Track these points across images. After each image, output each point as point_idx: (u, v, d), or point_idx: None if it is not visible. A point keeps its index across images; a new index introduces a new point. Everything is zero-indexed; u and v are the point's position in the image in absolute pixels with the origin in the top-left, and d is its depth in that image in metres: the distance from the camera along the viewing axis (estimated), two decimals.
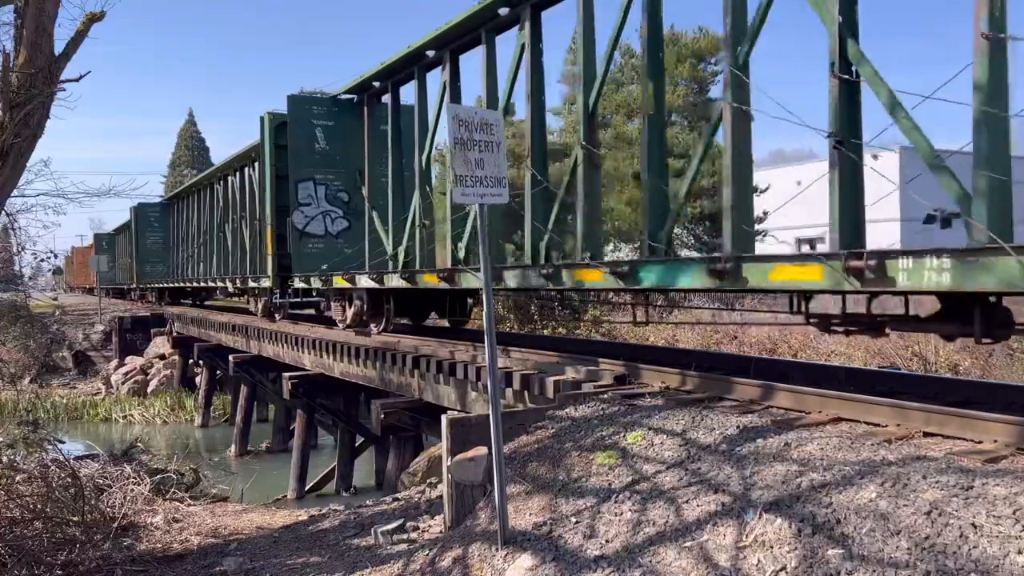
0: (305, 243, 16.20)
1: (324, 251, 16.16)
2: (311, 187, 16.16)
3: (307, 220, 16.18)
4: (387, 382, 12.09)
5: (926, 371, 17.11)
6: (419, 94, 12.67)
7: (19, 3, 7.08)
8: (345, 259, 15.32)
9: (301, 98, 16.29)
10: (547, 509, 5.64)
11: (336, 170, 16.29)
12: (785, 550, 4.23)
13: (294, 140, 16.25)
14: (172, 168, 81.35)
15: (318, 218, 16.25)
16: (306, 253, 16.24)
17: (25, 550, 7.17)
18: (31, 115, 7.10)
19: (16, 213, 9.67)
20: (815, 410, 6.14)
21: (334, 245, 16.17)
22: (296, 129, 16.17)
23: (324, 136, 16.12)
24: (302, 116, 16.10)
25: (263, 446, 21.67)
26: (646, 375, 7.95)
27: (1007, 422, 5.03)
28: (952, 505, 4.01)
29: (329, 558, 7.12)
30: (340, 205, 16.44)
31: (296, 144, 16.22)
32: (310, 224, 16.21)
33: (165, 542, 8.37)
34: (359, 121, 15.30)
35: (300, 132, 16.13)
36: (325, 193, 16.28)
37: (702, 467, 5.34)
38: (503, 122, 6.02)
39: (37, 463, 9.08)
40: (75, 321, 36.42)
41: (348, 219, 16.39)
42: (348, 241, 16.03)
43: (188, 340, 26.31)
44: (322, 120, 16.11)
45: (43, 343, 32.70)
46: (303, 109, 16.15)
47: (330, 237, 16.29)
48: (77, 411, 27.51)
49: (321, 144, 16.10)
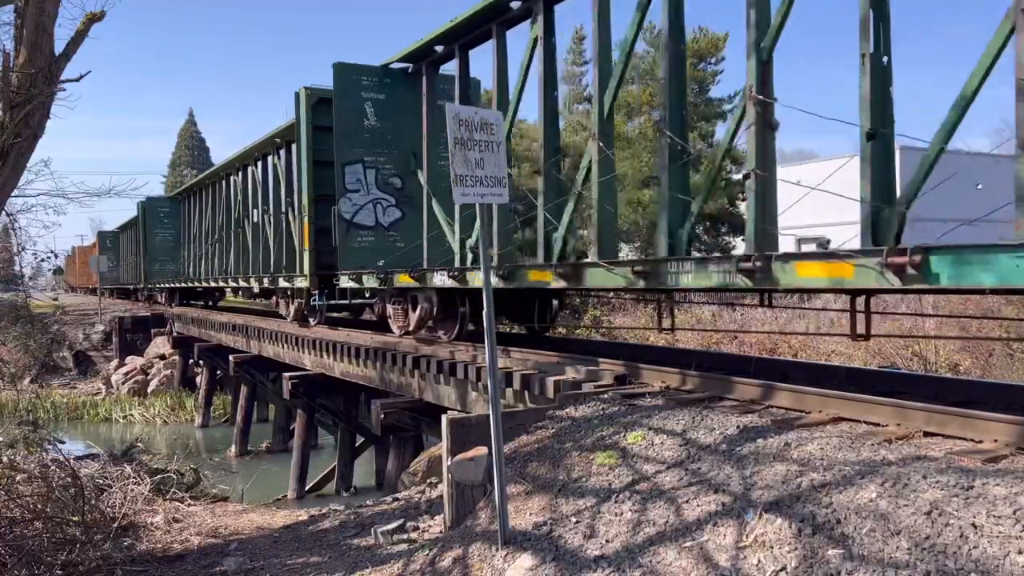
0: (354, 236, 13.93)
1: (374, 245, 14.02)
2: (360, 171, 13.87)
3: (355, 209, 13.89)
4: (387, 382, 12.09)
5: (926, 371, 17.11)
6: (498, 57, 10.71)
7: (19, 3, 7.08)
8: (397, 254, 13.60)
9: (349, 67, 13.83)
10: (547, 509, 5.64)
11: (388, 151, 14.03)
12: (785, 550, 4.23)
13: (341, 116, 13.80)
14: (172, 168, 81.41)
15: (368, 207, 13.98)
16: (354, 248, 13.94)
17: (25, 550, 7.17)
18: (31, 115, 7.10)
19: (16, 213, 9.67)
20: (815, 410, 6.14)
21: (385, 238, 14.05)
22: (344, 103, 13.75)
23: (375, 111, 13.85)
24: (350, 88, 13.73)
25: (263, 446, 21.67)
26: (646, 375, 7.95)
27: (1007, 422, 5.03)
28: (952, 505, 4.01)
29: (329, 558, 7.12)
30: (392, 192, 14.14)
31: (343, 121, 13.80)
32: (359, 214, 13.91)
33: (165, 542, 8.37)
34: (414, 94, 13.39)
35: (348, 106, 13.73)
36: (376, 178, 13.97)
37: (702, 467, 5.33)
38: (503, 122, 6.03)
39: (37, 463, 9.08)
40: (75, 321, 36.42)
41: (401, 208, 14.16)
42: (401, 234, 14.02)
43: (188, 340, 26.32)
44: (372, 93, 13.79)
45: (43, 343, 32.69)
46: (351, 80, 13.74)
47: (381, 229, 14.09)
48: (77, 411, 27.54)
49: (371, 121, 13.83)
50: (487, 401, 6.09)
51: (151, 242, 34.92)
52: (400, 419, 11.47)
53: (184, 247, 31.95)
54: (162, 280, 34.54)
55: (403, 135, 13.89)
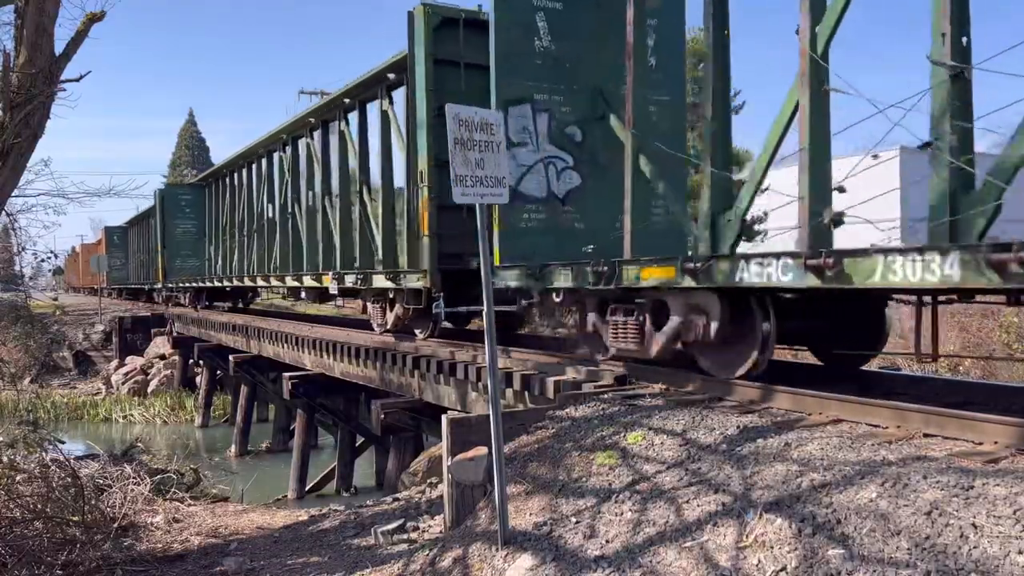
0: (518, 211, 9.60)
1: (546, 225, 9.81)
2: (528, 115, 9.63)
3: (522, 172, 9.63)
4: (387, 382, 12.09)
5: (926, 371, 17.10)
6: None
7: (19, 3, 7.08)
8: (576, 239, 9.65)
9: None
10: (547, 509, 5.64)
11: (566, 88, 9.87)
12: (785, 550, 4.23)
13: (503, 32, 9.60)
14: (172, 168, 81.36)
15: (537, 170, 9.71)
16: (520, 228, 9.65)
17: (25, 550, 7.17)
18: (31, 115, 7.10)
19: (16, 213, 9.68)
20: (815, 411, 6.14)
21: (559, 215, 9.90)
22: (506, 14, 9.63)
23: (549, 28, 9.83)
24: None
25: (263, 446, 21.68)
26: (646, 375, 7.95)
27: (1007, 423, 5.03)
28: (952, 505, 4.01)
29: (329, 558, 7.12)
30: (570, 147, 9.94)
31: (506, 39, 9.62)
32: (526, 179, 9.66)
33: (165, 542, 8.37)
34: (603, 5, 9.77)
35: (512, 18, 9.65)
36: (549, 127, 9.77)
37: (702, 467, 5.34)
38: (502, 122, 6.01)
39: (37, 463, 9.08)
40: (75, 321, 36.42)
41: (580, 172, 10.00)
42: (579, 209, 10.01)
43: (188, 340, 26.31)
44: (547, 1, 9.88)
45: (43, 343, 32.71)
46: None
47: (554, 201, 9.86)
48: (77, 411, 27.55)
49: (543, 42, 9.80)
50: (487, 401, 6.09)
51: (171, 235, 30.32)
52: (400, 419, 11.47)
53: (211, 240, 27.72)
54: (185, 278, 29.64)
55: (586, 65, 9.88)
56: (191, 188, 31.50)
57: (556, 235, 9.81)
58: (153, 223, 32.97)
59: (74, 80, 7.56)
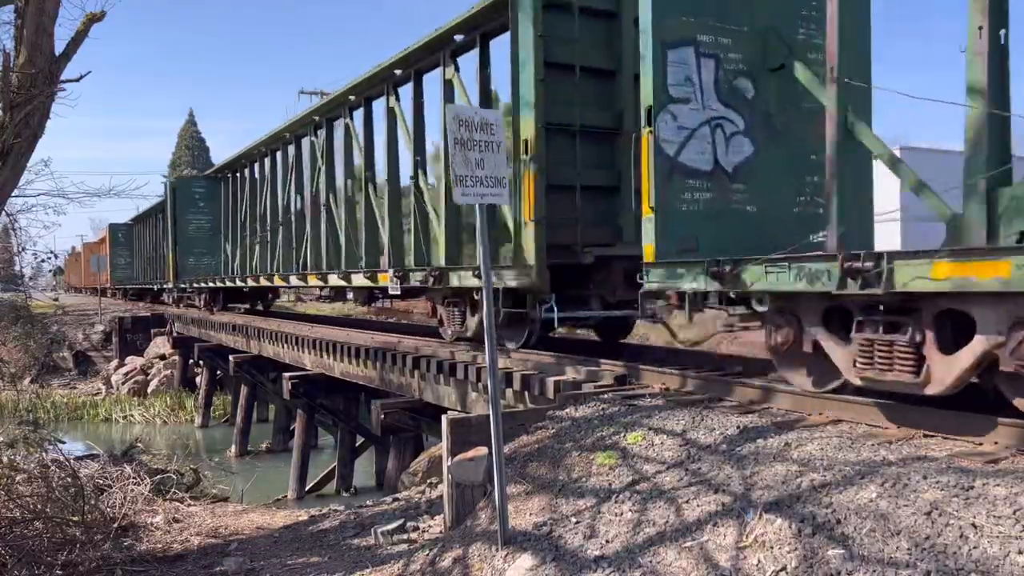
0: (678, 187, 7.22)
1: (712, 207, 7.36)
2: (690, 61, 7.29)
3: (684, 136, 7.27)
4: (387, 382, 12.09)
5: None
6: None
7: (19, 3, 7.08)
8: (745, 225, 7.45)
9: None
10: (547, 509, 5.64)
11: (735, 29, 7.53)
12: (785, 550, 4.23)
13: None
14: (172, 168, 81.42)
15: (702, 134, 7.38)
16: (680, 211, 7.24)
17: (25, 550, 7.18)
18: (31, 115, 7.10)
19: (16, 213, 9.68)
20: (815, 412, 6.14)
21: (728, 193, 7.46)
22: None
23: None
24: None
25: (263, 446, 21.69)
26: (646, 376, 7.96)
27: (1007, 424, 5.03)
28: (952, 505, 4.01)
29: (329, 558, 7.12)
30: (740, 106, 7.54)
31: None
32: (688, 146, 7.27)
33: (165, 542, 8.38)
34: None
35: None
36: (716, 77, 7.42)
37: (702, 467, 5.34)
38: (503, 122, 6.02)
39: (37, 463, 9.08)
40: (75, 321, 36.44)
41: (751, 137, 7.57)
42: (751, 187, 7.58)
43: (188, 340, 26.31)
44: None
45: (43, 343, 32.70)
46: None
47: (722, 176, 7.42)
48: (77, 411, 27.56)
49: None
50: (487, 401, 6.09)
51: (183, 231, 27.93)
52: (400, 419, 11.47)
53: (227, 237, 25.39)
54: (199, 277, 27.32)
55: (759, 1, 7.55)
56: (205, 180, 28.78)
57: (723, 220, 7.43)
58: (163, 219, 30.70)
59: (74, 80, 7.56)
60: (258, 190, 22.14)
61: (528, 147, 9.38)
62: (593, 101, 9.98)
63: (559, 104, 9.66)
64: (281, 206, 19.79)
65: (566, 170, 9.69)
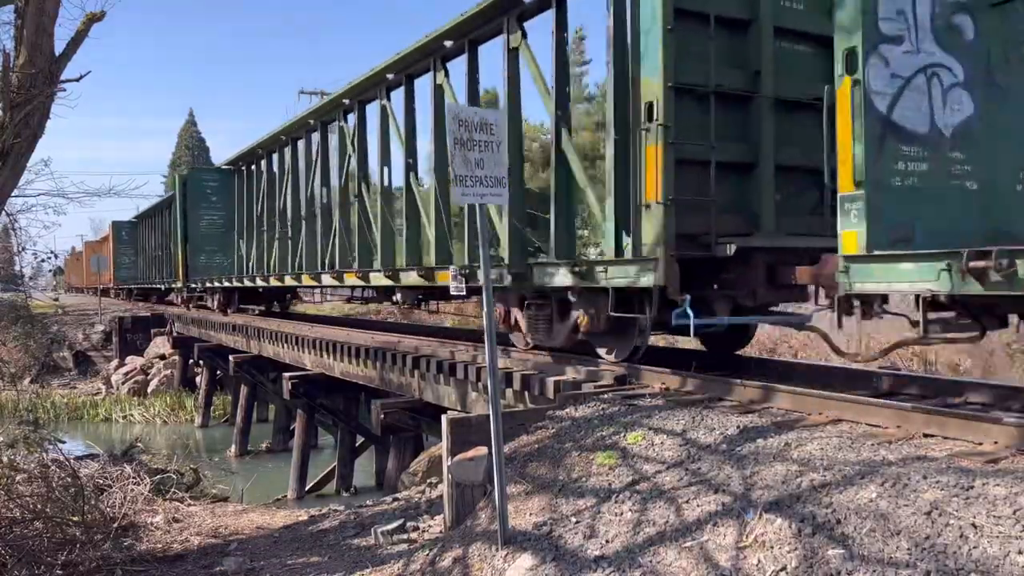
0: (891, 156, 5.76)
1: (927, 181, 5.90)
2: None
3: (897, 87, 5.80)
4: (387, 382, 12.09)
5: (926, 371, 17.11)
6: None
7: (19, 3, 7.08)
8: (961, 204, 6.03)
9: None
10: (547, 509, 5.64)
11: None
12: (785, 550, 4.23)
13: None
14: (172, 168, 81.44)
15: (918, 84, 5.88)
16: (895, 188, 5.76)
17: (25, 550, 7.18)
18: (31, 115, 7.10)
19: (16, 213, 9.70)
20: (815, 411, 6.14)
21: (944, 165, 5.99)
22: None
23: None
24: None
25: (263, 446, 21.70)
26: (646, 376, 7.95)
27: (1007, 423, 5.03)
28: (952, 505, 4.01)
29: (329, 558, 7.12)
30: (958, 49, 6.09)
31: None
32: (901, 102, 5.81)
33: (165, 542, 8.37)
34: None
35: None
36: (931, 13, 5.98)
37: (702, 467, 5.34)
38: (503, 122, 6.02)
39: (37, 463, 9.08)
40: (75, 321, 36.43)
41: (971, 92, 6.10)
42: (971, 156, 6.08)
43: (188, 340, 26.31)
44: None
45: (43, 343, 32.71)
46: None
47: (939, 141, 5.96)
48: (77, 411, 27.56)
49: None
50: (487, 401, 6.09)
51: (194, 227, 25.96)
52: (400, 419, 11.47)
53: (241, 233, 23.54)
54: (212, 276, 25.40)
55: None
56: (219, 173, 26.52)
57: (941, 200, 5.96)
58: (171, 214, 28.92)
59: (74, 80, 7.56)
60: (277, 182, 20.38)
61: (654, 112, 7.54)
62: (726, 58, 8.14)
63: (689, 60, 7.82)
64: (306, 199, 17.91)
65: (696, 142, 7.78)
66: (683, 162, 7.67)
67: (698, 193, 7.77)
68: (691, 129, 7.81)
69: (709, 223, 7.71)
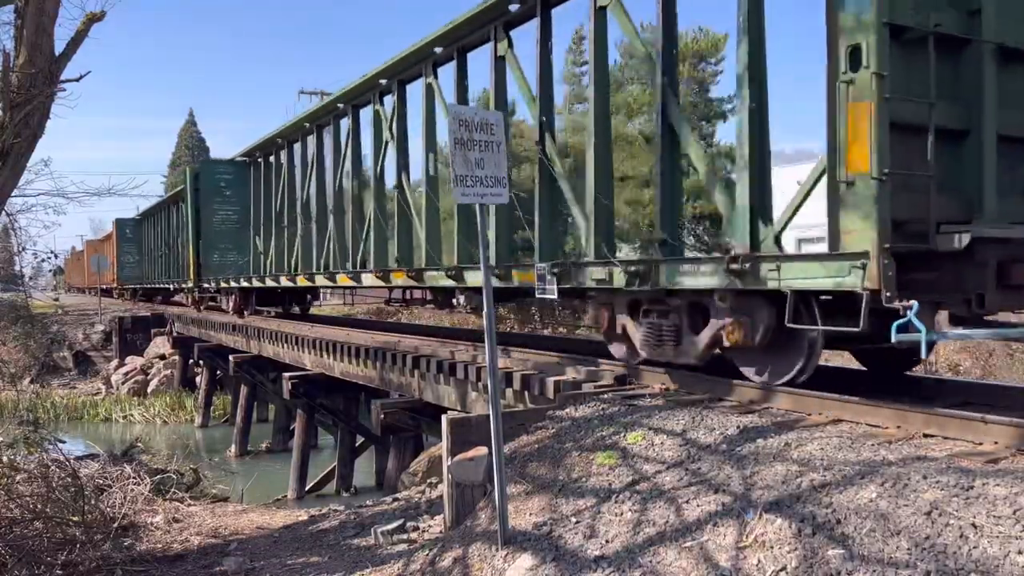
0: None
1: None
2: None
3: None
4: (387, 382, 12.09)
5: (926, 372, 17.11)
6: None
7: (19, 3, 7.08)
8: None
9: None
10: (547, 509, 5.64)
11: None
12: (785, 550, 4.23)
13: None
14: (172, 168, 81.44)
15: None
16: None
17: (25, 550, 7.18)
18: (31, 115, 7.10)
19: (16, 213, 9.69)
20: (815, 412, 6.14)
21: None
22: None
23: None
24: None
25: (263, 446, 21.71)
26: (646, 376, 7.95)
27: (1007, 424, 5.03)
28: (952, 505, 4.01)
29: (329, 558, 7.12)
30: None
31: None
32: None
33: (165, 542, 8.38)
34: None
35: None
36: None
37: (702, 467, 5.33)
38: (503, 122, 6.02)
39: (37, 463, 9.08)
40: (75, 321, 36.42)
41: None
42: None
43: (188, 340, 26.32)
44: None
45: (43, 343, 32.71)
46: None
47: None
48: (77, 411, 27.59)
49: None
50: (487, 401, 6.09)
51: (207, 223, 24.01)
52: (400, 419, 11.48)
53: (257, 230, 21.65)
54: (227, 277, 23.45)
55: None
56: (233, 165, 24.32)
57: None
58: (181, 210, 27.29)
59: (74, 80, 7.56)
60: (300, 174, 18.48)
61: (863, 58, 5.62)
62: None
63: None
64: (333, 192, 15.99)
65: (910, 101, 5.78)
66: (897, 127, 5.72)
67: (915, 167, 5.81)
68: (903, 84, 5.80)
69: (925, 207, 5.78)
